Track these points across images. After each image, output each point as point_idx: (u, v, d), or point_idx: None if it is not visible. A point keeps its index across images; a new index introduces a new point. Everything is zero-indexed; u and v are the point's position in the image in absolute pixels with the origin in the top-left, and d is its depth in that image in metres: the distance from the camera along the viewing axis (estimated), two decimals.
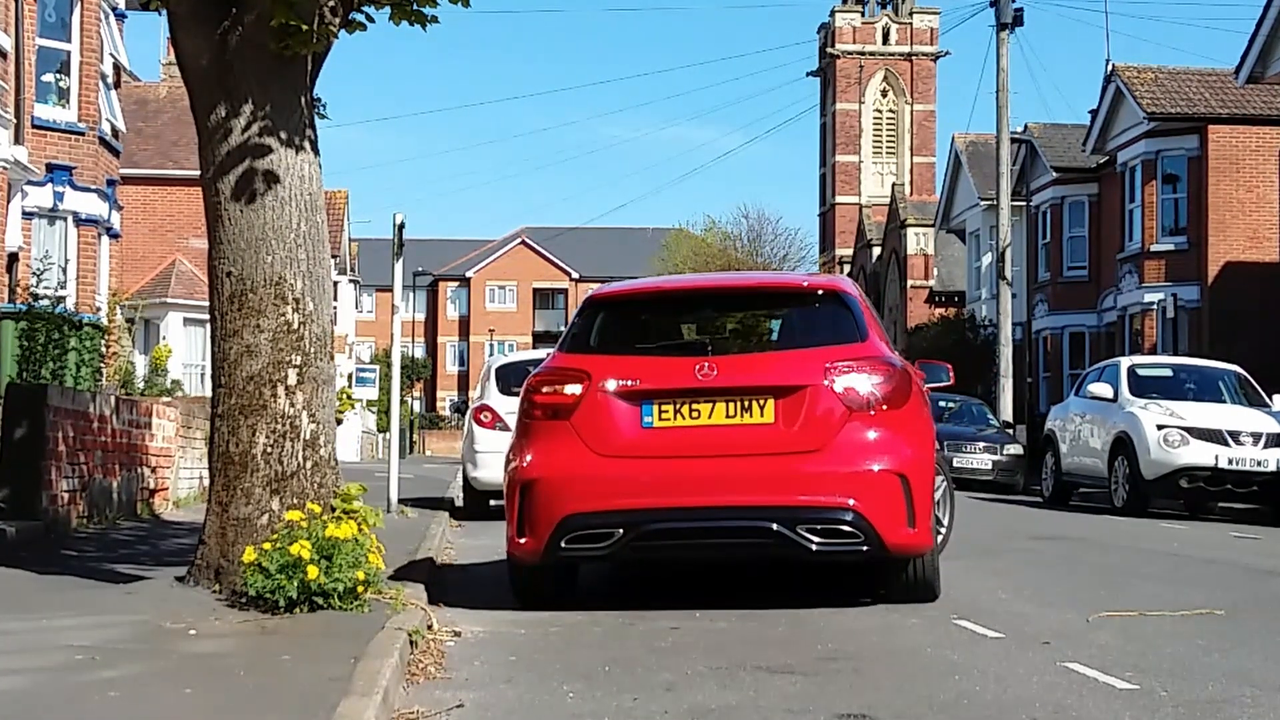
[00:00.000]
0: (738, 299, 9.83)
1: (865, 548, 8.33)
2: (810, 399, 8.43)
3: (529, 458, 8.62)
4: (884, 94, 79.23)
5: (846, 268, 66.89)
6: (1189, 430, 19.42)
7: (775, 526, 8.24)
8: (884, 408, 8.49)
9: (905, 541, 8.41)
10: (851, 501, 8.27)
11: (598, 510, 8.36)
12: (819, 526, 8.27)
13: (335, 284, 50.02)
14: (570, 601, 8.97)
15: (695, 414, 8.46)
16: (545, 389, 8.73)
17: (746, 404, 8.45)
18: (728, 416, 8.44)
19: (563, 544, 8.41)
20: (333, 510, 8.25)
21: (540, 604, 8.81)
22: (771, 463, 8.34)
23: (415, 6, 9.07)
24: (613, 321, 9.35)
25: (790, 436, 8.38)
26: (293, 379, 8.51)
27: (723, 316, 9.82)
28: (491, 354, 68.43)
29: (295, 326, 8.54)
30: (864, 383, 8.49)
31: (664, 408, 8.48)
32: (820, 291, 9.41)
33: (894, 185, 65.60)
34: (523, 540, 8.56)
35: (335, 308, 46.67)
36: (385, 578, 8.20)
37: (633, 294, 9.74)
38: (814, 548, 8.28)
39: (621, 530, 8.32)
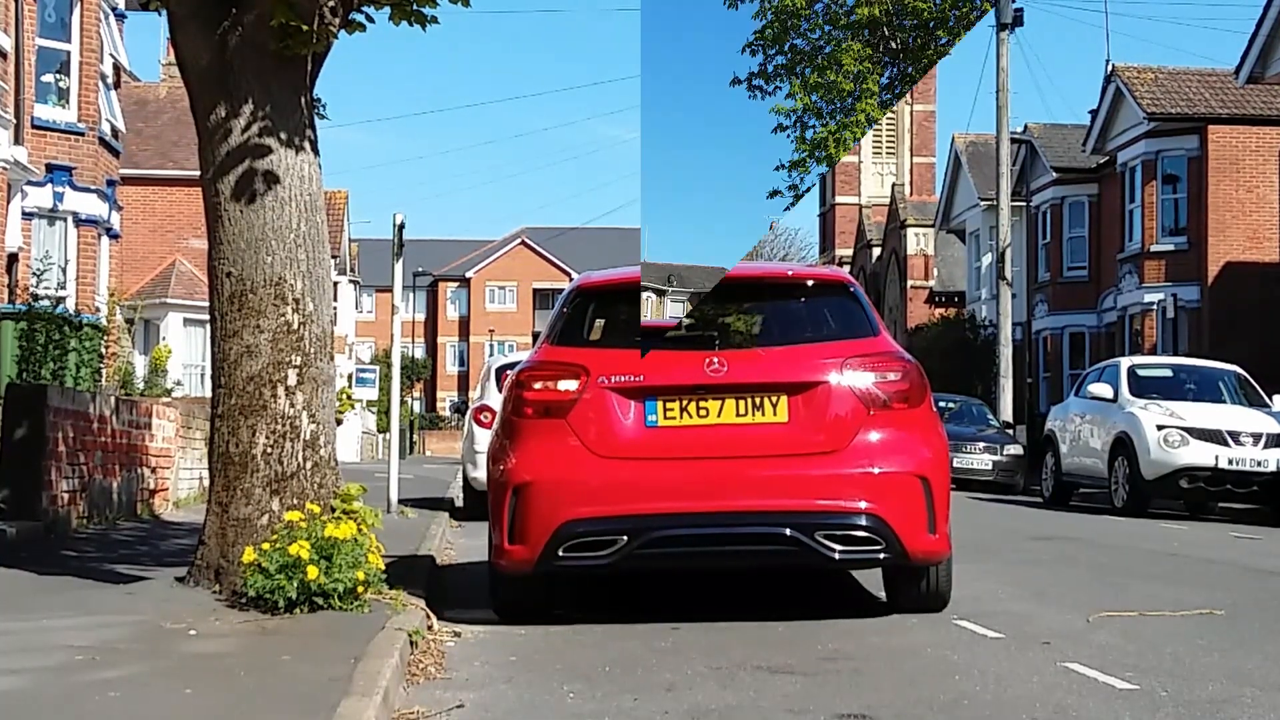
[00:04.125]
0: (740, 290, 8.94)
1: (885, 555, 7.94)
2: (826, 396, 8.01)
3: (521, 459, 8.02)
4: None
5: (847, 268, 66.85)
6: (1189, 430, 19.42)
7: (789, 532, 7.80)
8: (902, 406, 8.08)
9: (927, 548, 8.03)
10: (873, 506, 7.84)
11: (599, 515, 7.81)
12: (838, 533, 7.83)
13: (335, 284, 49.99)
14: (552, 614, 8.49)
15: (703, 412, 7.95)
16: (537, 384, 8.11)
17: (758, 401, 7.98)
18: (738, 415, 7.95)
19: (560, 552, 7.83)
20: (332, 510, 8.25)
21: (523, 617, 8.32)
22: (786, 464, 7.90)
23: (415, 6, 9.08)
24: (607, 312, 8.75)
25: (805, 436, 7.95)
26: (293, 379, 8.50)
27: (726, 308, 9.01)
28: (491, 354, 68.47)
29: (295, 327, 8.53)
30: (881, 380, 8.07)
31: (669, 405, 7.96)
32: (827, 284, 8.90)
33: (894, 185, 65.54)
34: (512, 548, 7.97)
35: (335, 308, 46.59)
36: (385, 578, 8.18)
37: (630, 283, 8.83)
38: (836, 555, 7.84)
39: (626, 537, 7.77)
